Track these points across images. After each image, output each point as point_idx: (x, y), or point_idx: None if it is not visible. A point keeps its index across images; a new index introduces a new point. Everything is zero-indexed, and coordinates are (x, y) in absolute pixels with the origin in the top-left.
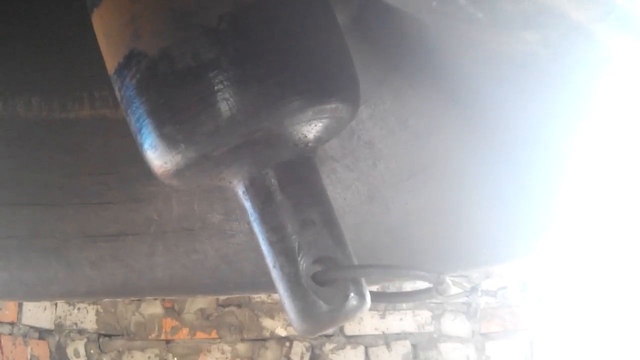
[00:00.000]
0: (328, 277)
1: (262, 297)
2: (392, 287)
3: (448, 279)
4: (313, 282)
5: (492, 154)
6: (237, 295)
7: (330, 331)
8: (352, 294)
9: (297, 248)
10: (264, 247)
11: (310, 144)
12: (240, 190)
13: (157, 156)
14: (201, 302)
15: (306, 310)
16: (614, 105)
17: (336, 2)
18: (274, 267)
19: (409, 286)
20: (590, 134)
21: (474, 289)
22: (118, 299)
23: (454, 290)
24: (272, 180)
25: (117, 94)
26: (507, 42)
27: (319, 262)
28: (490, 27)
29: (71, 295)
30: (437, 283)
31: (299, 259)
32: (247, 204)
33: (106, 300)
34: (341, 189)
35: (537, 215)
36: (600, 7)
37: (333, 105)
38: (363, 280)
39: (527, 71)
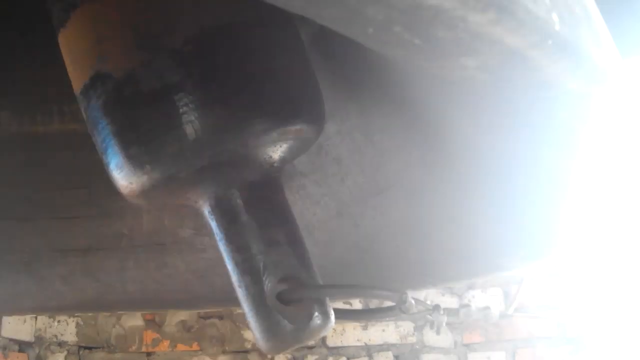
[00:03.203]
0: (293, 296)
1: None
2: (375, 302)
3: (410, 298)
4: (278, 302)
5: (457, 172)
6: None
7: (312, 343)
8: (316, 313)
9: (262, 268)
10: (230, 267)
11: (275, 165)
12: (206, 210)
13: (123, 176)
14: (182, 314)
15: (271, 329)
16: (563, 131)
17: (299, 19)
18: (240, 286)
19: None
20: (546, 155)
21: (436, 308)
22: (90, 314)
23: (416, 308)
24: (238, 201)
25: (83, 114)
26: (446, 67)
27: (284, 282)
28: (428, 53)
29: (42, 310)
30: (400, 302)
31: (264, 278)
32: (213, 224)
33: None
34: (310, 204)
35: (504, 231)
36: (536, 33)
37: (298, 127)
38: (327, 300)
39: (470, 95)
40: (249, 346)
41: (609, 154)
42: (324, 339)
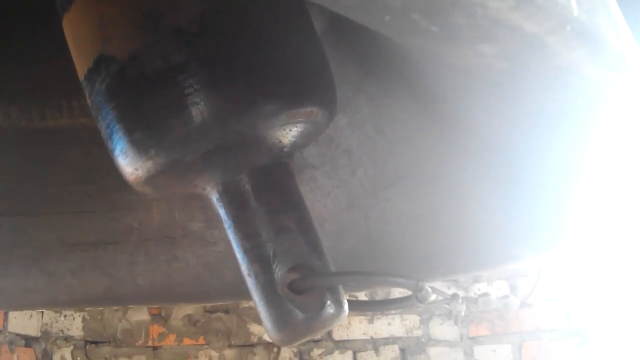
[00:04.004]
0: (304, 285)
1: (249, 302)
2: (380, 294)
3: (427, 286)
4: (289, 291)
5: (468, 162)
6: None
7: (318, 336)
8: (329, 302)
9: (272, 255)
10: (239, 255)
11: (285, 149)
12: (214, 197)
13: (128, 162)
14: (188, 308)
15: (282, 319)
16: (579, 120)
17: (311, 8)
18: (249, 275)
19: (397, 292)
20: (560, 144)
21: (454, 297)
22: (100, 307)
23: (433, 297)
24: (246, 187)
25: (88, 100)
26: (463, 55)
27: (295, 270)
28: (446, 40)
29: (52, 305)
30: (416, 290)
31: (274, 266)
32: (221, 211)
33: None
34: (321, 196)
35: (515, 222)
36: (555, 19)
37: (308, 109)
38: (340, 288)
39: (485, 83)
40: (255, 340)
41: (624, 145)
42: (329, 333)
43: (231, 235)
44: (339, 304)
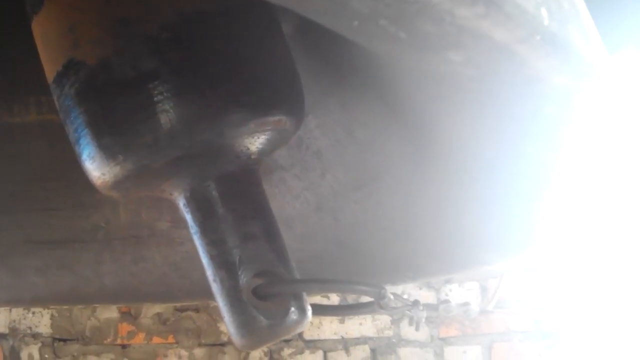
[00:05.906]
0: (269, 291)
1: None
2: (352, 297)
3: (389, 293)
4: (253, 297)
5: (439, 167)
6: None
7: (289, 336)
8: (292, 309)
9: (237, 262)
10: (205, 261)
11: (253, 157)
12: (181, 202)
13: (95, 167)
14: (158, 306)
15: (246, 325)
16: (549, 127)
17: (282, 11)
18: (214, 281)
19: (365, 297)
20: (530, 151)
21: (415, 303)
22: (65, 306)
23: (395, 304)
24: (214, 193)
25: (56, 103)
26: (432, 62)
27: (260, 276)
28: (414, 47)
29: (17, 302)
30: (379, 297)
31: (239, 272)
32: (188, 217)
33: None
34: (290, 198)
35: (485, 226)
36: (524, 28)
37: (276, 118)
38: (304, 294)
39: (454, 90)
40: (225, 339)
41: (594, 151)
42: (300, 332)
43: (197, 241)
44: (302, 310)
